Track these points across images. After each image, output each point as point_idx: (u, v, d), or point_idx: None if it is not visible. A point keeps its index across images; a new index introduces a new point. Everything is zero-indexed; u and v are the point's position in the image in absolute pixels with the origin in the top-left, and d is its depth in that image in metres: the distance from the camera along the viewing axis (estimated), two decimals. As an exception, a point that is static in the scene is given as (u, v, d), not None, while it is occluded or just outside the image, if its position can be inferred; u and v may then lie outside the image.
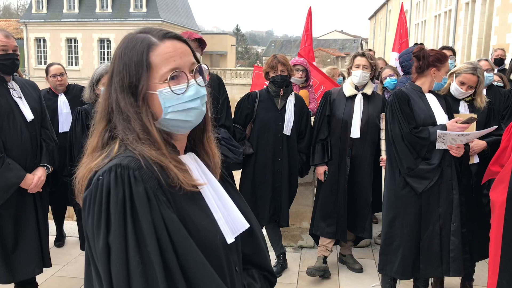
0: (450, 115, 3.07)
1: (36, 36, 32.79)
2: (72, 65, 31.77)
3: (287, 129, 3.62)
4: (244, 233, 1.17)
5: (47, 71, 4.25)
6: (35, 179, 2.89)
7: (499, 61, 6.42)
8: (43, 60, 31.99)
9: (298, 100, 3.70)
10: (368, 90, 3.63)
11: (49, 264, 3.12)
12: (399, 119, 3.00)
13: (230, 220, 1.13)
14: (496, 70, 5.23)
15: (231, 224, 1.12)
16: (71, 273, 3.85)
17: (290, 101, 3.64)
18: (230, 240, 1.10)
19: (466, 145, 3.02)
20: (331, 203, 3.73)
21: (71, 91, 4.26)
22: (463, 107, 3.27)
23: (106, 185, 0.95)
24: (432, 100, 3.08)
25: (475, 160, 3.23)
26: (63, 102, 4.18)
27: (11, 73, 2.90)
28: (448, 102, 3.15)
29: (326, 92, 3.83)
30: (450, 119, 3.02)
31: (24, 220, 2.92)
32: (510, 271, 2.51)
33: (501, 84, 4.31)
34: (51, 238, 4.13)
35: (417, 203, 3.00)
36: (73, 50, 32.61)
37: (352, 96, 3.63)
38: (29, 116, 2.91)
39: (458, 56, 12.59)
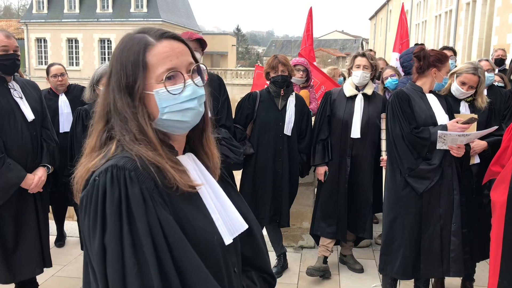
0: (451, 115, 3.07)
1: (37, 36, 32.81)
2: (73, 65, 31.78)
3: (288, 129, 3.62)
4: (243, 234, 1.16)
5: (48, 71, 4.26)
6: (36, 179, 2.89)
7: (500, 61, 6.42)
8: (44, 60, 31.98)
9: (299, 100, 3.70)
10: (369, 91, 3.63)
11: (50, 264, 3.12)
12: (400, 119, 3.00)
13: (229, 221, 1.12)
14: (497, 71, 5.23)
15: (230, 225, 1.11)
16: (72, 273, 3.85)
17: (291, 101, 3.64)
18: (228, 241, 1.09)
19: (467, 146, 3.02)
20: (332, 203, 3.73)
21: (72, 91, 4.27)
22: (464, 108, 3.26)
23: (102, 186, 0.95)
24: (433, 100, 3.08)
25: (476, 161, 3.23)
26: (64, 102, 4.19)
27: (12, 74, 2.90)
28: (449, 102, 3.15)
29: (327, 92, 3.83)
30: (451, 119, 3.02)
31: (25, 220, 2.92)
32: (511, 272, 2.50)
33: (502, 85, 4.31)
34: (52, 238, 4.13)
35: (418, 204, 3.00)
36: (74, 50, 32.61)
37: (353, 96, 3.63)
38: (30, 116, 2.91)
39: (459, 57, 12.59)
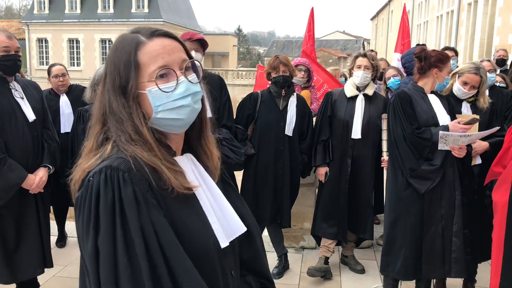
0: (453, 116, 3.06)
1: (38, 37, 32.84)
2: (74, 66, 31.81)
3: (289, 130, 3.61)
4: (242, 237, 1.14)
5: (49, 72, 4.26)
6: (37, 180, 2.89)
7: (501, 62, 6.40)
8: (45, 61, 31.98)
9: (300, 101, 3.70)
10: (370, 91, 3.62)
11: (51, 265, 3.12)
12: (401, 120, 2.99)
13: (226, 224, 1.10)
14: (499, 71, 5.21)
15: (227, 228, 1.10)
16: (73, 274, 3.84)
17: (292, 102, 3.63)
18: (224, 245, 1.07)
19: (469, 146, 3.01)
20: (333, 204, 3.73)
21: (73, 92, 4.27)
22: (466, 108, 3.26)
23: (96, 187, 0.95)
24: (435, 101, 3.07)
25: (478, 161, 3.22)
26: (65, 103, 4.19)
27: (13, 74, 2.90)
28: (451, 103, 3.14)
29: (328, 93, 3.83)
30: (453, 120, 3.01)
31: (26, 221, 2.92)
32: (513, 273, 2.50)
33: (504, 85, 4.29)
34: (53, 239, 4.12)
35: (419, 204, 2.99)
36: (75, 51, 32.63)
37: (353, 97, 3.62)
38: (31, 117, 2.91)
39: (460, 57, 12.58)
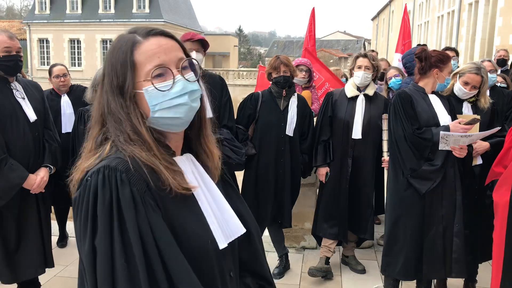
0: (453, 116, 3.06)
1: (39, 37, 32.85)
2: (75, 66, 31.82)
3: (290, 130, 3.61)
4: (241, 238, 1.13)
5: (50, 72, 4.27)
6: (38, 180, 2.90)
7: (502, 62, 6.39)
8: (46, 61, 32.00)
9: (301, 101, 3.70)
10: (370, 91, 3.62)
11: (52, 265, 3.13)
12: (402, 120, 2.99)
13: (225, 224, 1.09)
14: (499, 71, 5.21)
15: (226, 229, 1.09)
16: (74, 274, 3.83)
17: (293, 102, 3.63)
18: (223, 246, 1.06)
19: (469, 146, 3.01)
20: (333, 204, 3.73)
21: (74, 92, 4.28)
22: (467, 108, 3.26)
23: (94, 187, 0.95)
24: (435, 101, 3.07)
25: (478, 161, 3.22)
26: (66, 103, 4.20)
27: (14, 74, 2.91)
28: (451, 103, 3.14)
29: (328, 93, 3.83)
30: (453, 120, 3.01)
31: (27, 221, 2.93)
32: (514, 273, 2.49)
33: (505, 85, 4.29)
34: (54, 239, 4.12)
35: (420, 204, 2.99)
36: (76, 51, 32.64)
37: (354, 97, 3.62)
38: (32, 117, 2.92)
39: (461, 57, 12.58)
